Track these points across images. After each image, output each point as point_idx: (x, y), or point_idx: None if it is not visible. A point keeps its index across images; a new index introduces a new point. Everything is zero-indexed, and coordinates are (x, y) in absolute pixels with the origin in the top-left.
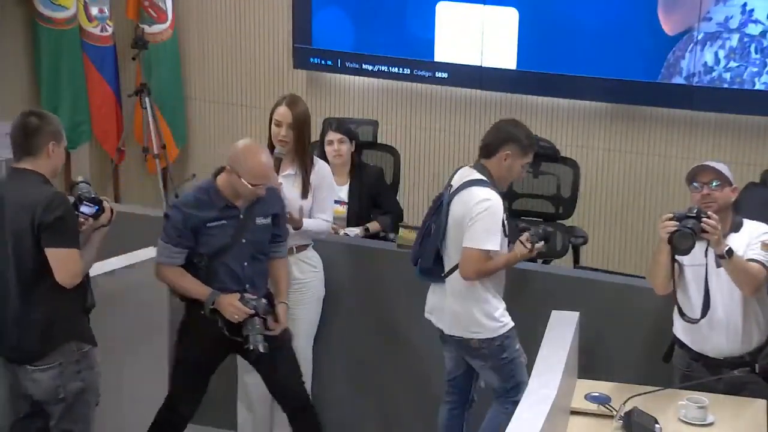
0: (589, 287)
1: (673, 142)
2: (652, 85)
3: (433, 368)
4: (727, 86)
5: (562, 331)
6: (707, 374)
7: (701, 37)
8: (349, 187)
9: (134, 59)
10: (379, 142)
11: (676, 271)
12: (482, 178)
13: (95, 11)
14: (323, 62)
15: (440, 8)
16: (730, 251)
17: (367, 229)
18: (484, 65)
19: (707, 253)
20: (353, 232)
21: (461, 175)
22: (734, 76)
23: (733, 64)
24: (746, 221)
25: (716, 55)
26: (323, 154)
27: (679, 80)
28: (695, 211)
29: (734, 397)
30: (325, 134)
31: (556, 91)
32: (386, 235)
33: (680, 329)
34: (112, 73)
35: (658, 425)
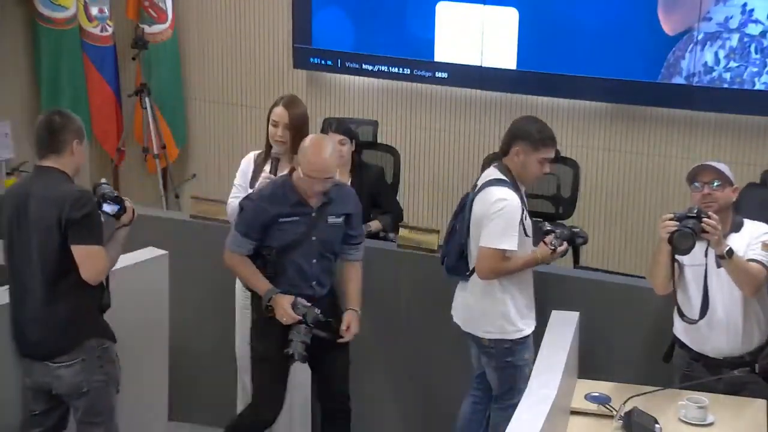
0: (589, 287)
1: (673, 142)
2: (652, 85)
3: (433, 367)
4: (727, 86)
5: (562, 331)
6: (707, 374)
7: (701, 37)
8: (349, 185)
9: (134, 59)
10: (378, 142)
11: (676, 271)
12: (502, 177)
13: (95, 11)
14: (323, 62)
15: (440, 8)
16: (730, 251)
17: (368, 228)
18: (484, 65)
19: (707, 253)
20: None
21: (486, 174)
22: (734, 76)
23: (733, 64)
24: (747, 221)
25: (716, 55)
26: None
27: (679, 80)
28: (695, 211)
29: (734, 397)
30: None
31: (556, 91)
32: (386, 235)
33: (680, 329)
34: (112, 73)
35: (658, 425)
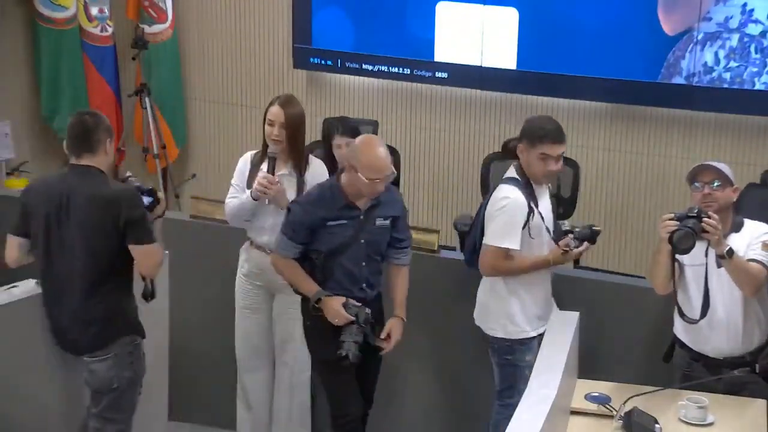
0: (589, 287)
1: (673, 142)
2: (652, 85)
3: (433, 367)
4: (727, 86)
5: (562, 331)
6: (708, 374)
7: (701, 37)
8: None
9: (134, 59)
10: None
11: (676, 271)
12: (513, 176)
13: (95, 11)
14: (323, 62)
15: (440, 8)
16: (730, 251)
17: None
18: (484, 65)
19: (707, 253)
20: None
21: (507, 173)
22: (734, 76)
23: (733, 64)
24: (747, 221)
25: (716, 55)
26: (332, 155)
27: (679, 80)
28: (696, 210)
29: (734, 397)
30: (332, 137)
31: (556, 91)
32: None
33: (681, 329)
34: (112, 73)
35: (658, 425)
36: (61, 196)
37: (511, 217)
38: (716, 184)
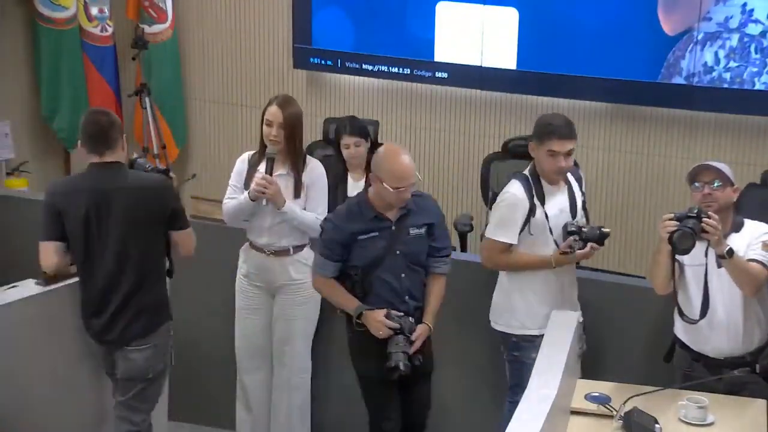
0: (589, 287)
1: (673, 142)
2: (652, 85)
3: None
4: (727, 86)
5: (562, 331)
6: (708, 374)
7: (701, 37)
8: (365, 182)
9: (134, 59)
10: (379, 142)
11: (676, 271)
12: (524, 172)
13: (95, 11)
14: (323, 62)
15: (440, 8)
16: (730, 251)
17: None
18: (484, 65)
19: (707, 253)
20: None
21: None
22: (734, 76)
23: (733, 64)
24: (747, 221)
25: (716, 55)
26: (340, 155)
27: (679, 80)
28: (696, 210)
29: (734, 397)
30: (339, 137)
31: (556, 91)
32: None
33: (681, 329)
34: (112, 73)
35: (658, 425)
36: (97, 193)
37: (507, 211)
38: (716, 184)
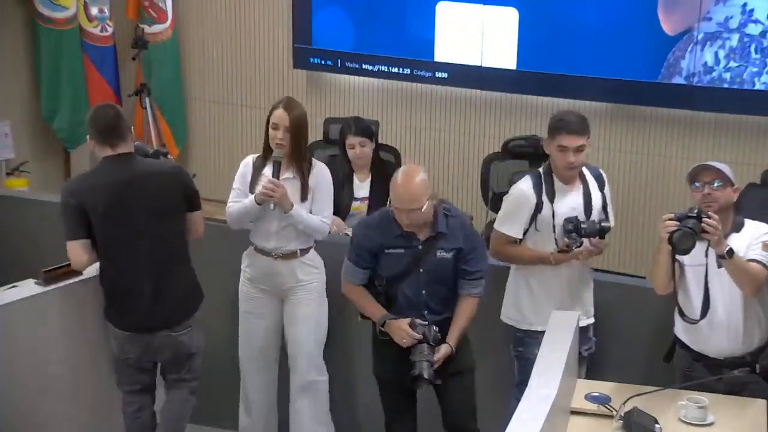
0: None
1: (673, 142)
2: (652, 85)
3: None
4: (727, 86)
5: (562, 331)
6: (708, 374)
7: (701, 37)
8: (370, 182)
9: (134, 59)
10: (379, 142)
11: (676, 271)
12: (538, 169)
13: (95, 11)
14: (323, 62)
15: (440, 8)
16: (730, 251)
17: None
18: (484, 65)
19: (708, 253)
20: None
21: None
22: (734, 76)
23: (733, 64)
24: (747, 221)
25: (716, 55)
26: (345, 155)
27: (679, 80)
28: (696, 211)
29: (734, 397)
30: (344, 137)
31: (556, 91)
32: None
33: (681, 329)
34: (112, 73)
35: (658, 425)
36: (120, 185)
37: (512, 206)
38: (716, 184)
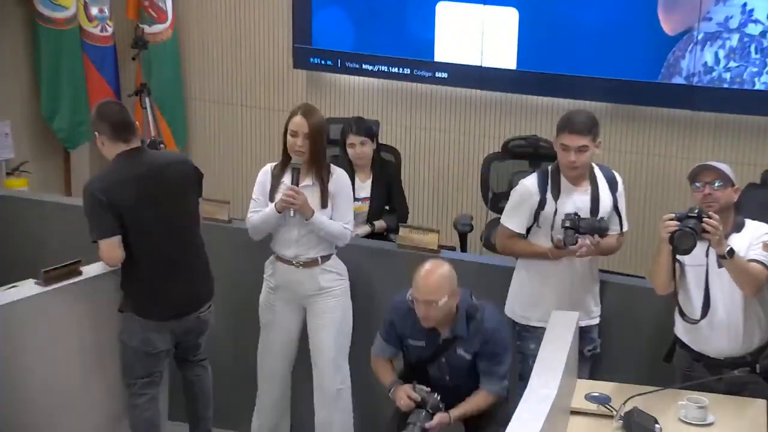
0: None
1: (673, 142)
2: (652, 85)
3: None
4: (727, 86)
5: (562, 331)
6: (708, 374)
7: (701, 37)
8: (371, 182)
9: (134, 59)
10: (380, 142)
11: (677, 271)
12: (548, 166)
13: (95, 11)
14: (323, 62)
15: (440, 8)
16: (731, 251)
17: (372, 226)
18: (484, 65)
19: (708, 253)
20: (362, 231)
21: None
22: (734, 76)
23: (733, 64)
24: (748, 221)
25: (716, 55)
26: (346, 155)
27: (679, 80)
28: (696, 211)
29: (734, 397)
30: (346, 137)
31: (556, 91)
32: (388, 234)
33: (681, 329)
34: (112, 73)
35: (658, 425)
36: (146, 177)
37: (516, 201)
38: (717, 184)
